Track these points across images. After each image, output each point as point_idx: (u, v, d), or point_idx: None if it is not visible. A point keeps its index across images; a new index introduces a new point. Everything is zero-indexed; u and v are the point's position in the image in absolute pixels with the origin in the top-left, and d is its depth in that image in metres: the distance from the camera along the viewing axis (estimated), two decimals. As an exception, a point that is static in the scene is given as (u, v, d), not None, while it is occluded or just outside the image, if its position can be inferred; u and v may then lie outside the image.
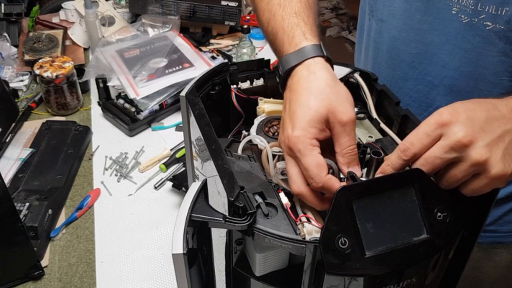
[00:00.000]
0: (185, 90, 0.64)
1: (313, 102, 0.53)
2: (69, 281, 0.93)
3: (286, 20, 0.63)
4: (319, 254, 0.47)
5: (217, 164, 0.53)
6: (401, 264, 0.48)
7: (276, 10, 0.65)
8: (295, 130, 0.52)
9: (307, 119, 0.53)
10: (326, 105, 0.53)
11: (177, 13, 1.55)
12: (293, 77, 0.57)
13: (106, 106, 1.31)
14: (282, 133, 0.55)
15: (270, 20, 0.66)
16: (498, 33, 0.65)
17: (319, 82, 0.55)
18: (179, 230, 0.47)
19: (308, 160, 0.51)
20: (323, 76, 0.56)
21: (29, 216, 0.96)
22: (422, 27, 0.73)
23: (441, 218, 0.49)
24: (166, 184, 1.13)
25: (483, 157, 0.47)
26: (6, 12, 1.55)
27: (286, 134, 0.53)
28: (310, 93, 0.54)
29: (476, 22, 0.66)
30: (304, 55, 0.58)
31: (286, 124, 0.54)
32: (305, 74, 0.56)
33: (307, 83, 0.55)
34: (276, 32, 0.63)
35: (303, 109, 0.53)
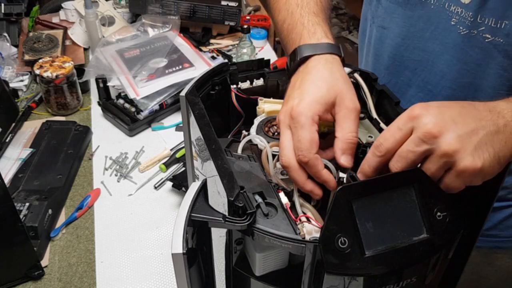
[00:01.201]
0: (185, 90, 0.64)
1: (324, 84, 0.57)
2: (69, 281, 0.93)
3: (305, 17, 0.66)
4: (319, 254, 0.47)
5: (217, 164, 0.53)
6: (401, 264, 0.48)
7: (294, 9, 0.68)
8: (302, 102, 0.55)
9: (316, 96, 0.55)
10: (336, 90, 0.56)
11: (177, 13, 1.55)
12: (309, 63, 0.60)
13: (106, 106, 1.31)
14: (285, 104, 0.57)
15: (287, 17, 0.68)
16: (497, 46, 0.65)
17: (333, 71, 0.58)
18: (179, 230, 0.47)
19: (304, 132, 0.53)
20: (337, 69, 0.59)
21: (29, 216, 0.96)
22: (424, 35, 0.73)
23: (441, 218, 0.49)
24: (166, 184, 1.13)
25: (452, 147, 0.47)
26: (6, 12, 1.55)
27: (290, 104, 0.56)
28: (324, 77, 0.58)
29: (475, 34, 0.66)
30: (325, 49, 0.61)
31: (293, 96, 0.57)
32: (322, 62, 0.60)
33: (323, 69, 0.59)
34: (294, 26, 0.66)
35: (314, 87, 0.56)
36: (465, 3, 0.66)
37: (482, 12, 0.64)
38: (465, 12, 0.66)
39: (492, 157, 0.48)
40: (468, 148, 0.47)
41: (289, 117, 0.55)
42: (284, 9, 0.70)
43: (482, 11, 0.64)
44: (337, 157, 0.54)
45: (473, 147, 0.47)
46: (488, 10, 0.64)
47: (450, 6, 0.68)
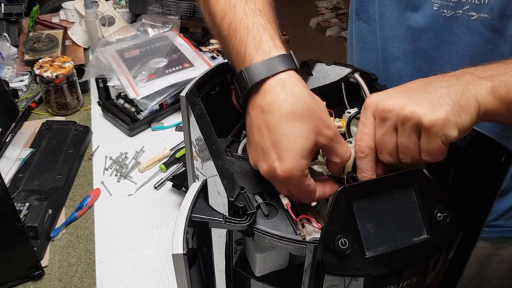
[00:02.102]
0: (185, 90, 0.64)
1: (301, 129, 0.49)
2: (69, 281, 0.93)
3: (250, 17, 0.56)
4: (319, 255, 0.47)
5: (217, 164, 0.53)
6: (401, 264, 0.48)
7: (236, 2, 0.58)
8: (286, 163, 0.49)
9: (298, 150, 0.49)
10: (313, 128, 0.50)
11: (177, 13, 1.55)
12: (266, 95, 0.51)
13: (106, 106, 1.31)
14: (264, 159, 0.51)
15: (228, 12, 0.58)
16: (483, 22, 0.66)
17: (300, 103, 0.50)
18: (179, 230, 0.47)
19: (301, 191, 0.51)
20: (302, 94, 0.51)
21: (29, 216, 0.96)
22: (411, 24, 0.74)
23: (441, 218, 0.49)
24: (166, 184, 1.13)
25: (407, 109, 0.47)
26: (6, 12, 1.54)
27: (272, 165, 0.50)
28: (295, 118, 0.49)
29: (460, 14, 0.67)
30: (276, 67, 0.52)
31: (269, 152, 0.50)
32: (283, 94, 0.50)
33: (288, 105, 0.50)
34: (237, 30, 0.56)
35: (291, 138, 0.49)
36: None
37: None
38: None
39: (453, 105, 0.47)
40: (424, 105, 0.47)
41: (277, 180, 0.50)
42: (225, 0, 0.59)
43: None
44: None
45: (429, 104, 0.48)
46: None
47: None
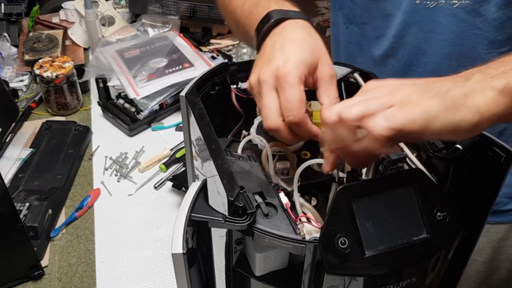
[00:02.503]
0: (185, 90, 0.64)
1: (307, 47, 0.54)
2: (69, 281, 0.93)
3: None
4: (319, 254, 0.47)
5: (217, 164, 0.53)
6: (401, 264, 0.48)
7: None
8: (289, 62, 0.52)
9: (301, 57, 0.53)
10: (318, 53, 0.55)
11: (177, 13, 1.55)
12: (286, 25, 0.57)
13: (106, 106, 1.31)
14: (267, 64, 0.54)
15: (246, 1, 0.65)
16: (465, 8, 0.67)
17: (312, 34, 0.57)
18: (179, 230, 0.47)
19: (294, 92, 0.51)
20: (314, 33, 0.57)
21: (29, 216, 0.96)
22: (395, 20, 0.74)
23: (441, 218, 0.49)
24: (166, 184, 1.13)
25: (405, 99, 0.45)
26: (6, 12, 1.54)
27: (275, 64, 0.53)
28: (305, 39, 0.55)
29: (443, 3, 0.67)
30: (298, 15, 0.59)
31: (275, 57, 0.54)
32: (300, 25, 0.57)
33: (302, 31, 0.56)
34: (257, 3, 0.62)
35: (298, 48, 0.54)
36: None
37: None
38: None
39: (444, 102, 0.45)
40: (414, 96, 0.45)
41: (275, 77, 0.53)
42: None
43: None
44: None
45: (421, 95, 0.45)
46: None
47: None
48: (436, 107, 0.43)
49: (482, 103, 0.43)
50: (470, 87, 0.44)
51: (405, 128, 0.42)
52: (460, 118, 0.43)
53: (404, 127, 0.42)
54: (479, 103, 0.43)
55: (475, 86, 0.44)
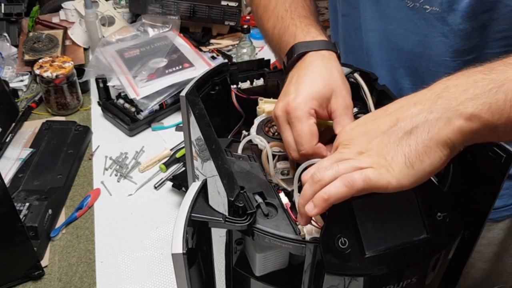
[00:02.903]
0: (185, 90, 0.64)
1: (321, 80, 0.57)
2: (69, 281, 0.93)
3: (296, 20, 0.67)
4: (319, 254, 0.47)
5: (217, 164, 0.53)
6: (401, 264, 0.48)
7: (283, 14, 0.69)
8: (298, 97, 0.56)
9: (313, 91, 0.56)
10: (332, 86, 0.57)
11: (177, 13, 1.55)
12: (306, 59, 0.61)
13: (106, 106, 1.31)
14: (282, 100, 0.57)
15: (277, 23, 0.69)
16: (436, 15, 0.68)
17: (329, 67, 0.60)
18: (179, 230, 0.47)
19: (303, 126, 0.54)
20: (334, 65, 0.60)
21: (29, 216, 0.96)
22: (375, 16, 0.75)
23: (441, 218, 0.49)
24: (166, 184, 1.13)
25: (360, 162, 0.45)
26: (6, 12, 1.54)
27: (287, 100, 0.56)
28: (321, 72, 0.58)
29: (418, 6, 0.69)
30: (321, 45, 0.62)
31: (289, 92, 0.57)
32: (320, 58, 0.61)
33: (320, 64, 0.60)
34: (286, 28, 0.66)
35: (310, 82, 0.57)
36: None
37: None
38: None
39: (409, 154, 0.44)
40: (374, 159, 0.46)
41: (285, 112, 0.56)
42: (273, 16, 0.70)
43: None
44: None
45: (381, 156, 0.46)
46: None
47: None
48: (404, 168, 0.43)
49: (449, 134, 0.43)
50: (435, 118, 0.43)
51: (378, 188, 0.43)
52: (430, 163, 0.43)
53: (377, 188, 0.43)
54: (446, 136, 0.43)
55: (440, 116, 0.43)
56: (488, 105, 0.42)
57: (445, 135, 0.43)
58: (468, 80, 0.44)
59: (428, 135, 0.43)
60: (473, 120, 0.42)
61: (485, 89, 0.42)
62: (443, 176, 0.57)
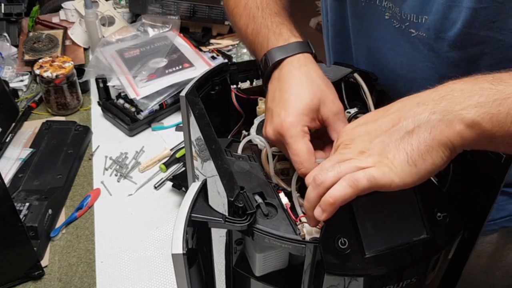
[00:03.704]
0: (185, 90, 0.64)
1: (306, 92, 0.56)
2: (69, 281, 0.93)
3: (268, 19, 0.65)
4: (319, 254, 0.47)
5: (217, 164, 0.53)
6: (401, 264, 0.48)
7: (254, 13, 0.67)
8: (289, 117, 0.54)
9: (300, 107, 0.55)
10: (318, 96, 0.56)
11: (177, 13, 1.55)
12: (282, 68, 0.59)
13: (106, 106, 1.31)
14: (271, 121, 0.56)
15: (249, 22, 0.67)
16: (422, 40, 0.66)
17: (310, 74, 0.58)
18: (178, 230, 0.47)
19: (299, 146, 0.53)
20: (313, 69, 0.59)
21: (29, 216, 0.96)
22: (361, 32, 0.74)
23: (441, 218, 0.49)
24: (166, 184, 1.13)
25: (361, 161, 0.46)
26: (6, 12, 1.54)
27: (277, 120, 0.55)
28: (302, 83, 0.57)
29: (403, 28, 0.67)
30: (294, 49, 0.60)
31: (276, 111, 0.56)
32: (296, 65, 0.59)
33: (299, 74, 0.58)
34: (259, 30, 0.65)
35: (296, 98, 0.56)
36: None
37: (405, 8, 0.65)
38: (394, 7, 0.66)
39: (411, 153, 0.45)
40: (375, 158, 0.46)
41: (280, 134, 0.55)
42: (245, 14, 0.69)
43: (404, 7, 0.65)
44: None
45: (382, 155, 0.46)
46: (408, 6, 0.64)
47: (381, 2, 0.68)
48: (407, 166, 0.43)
49: (450, 136, 0.43)
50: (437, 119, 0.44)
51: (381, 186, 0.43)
52: (432, 162, 0.43)
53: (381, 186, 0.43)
54: (447, 137, 0.43)
55: (442, 118, 0.43)
56: (490, 115, 0.42)
57: (446, 137, 0.43)
58: (475, 87, 0.44)
59: (430, 135, 0.43)
60: (473, 127, 0.42)
61: (490, 99, 0.42)
62: (443, 176, 0.57)
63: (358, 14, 0.73)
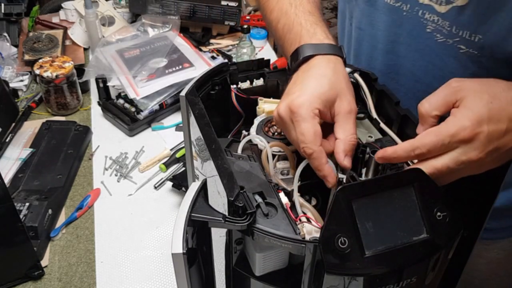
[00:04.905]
0: (185, 90, 0.64)
1: (327, 82, 0.56)
2: (69, 281, 0.93)
3: (301, 17, 0.65)
4: (318, 254, 0.47)
5: (217, 164, 0.53)
6: (401, 264, 0.48)
7: (287, 8, 0.67)
8: (302, 96, 0.54)
9: (317, 91, 0.55)
10: (338, 89, 0.56)
11: (177, 13, 1.55)
12: (311, 62, 0.60)
13: (106, 106, 1.31)
14: (285, 98, 0.56)
15: (281, 17, 0.67)
16: (472, 57, 0.65)
17: (336, 70, 0.58)
18: (179, 229, 0.47)
19: (307, 125, 0.53)
20: (341, 69, 0.59)
21: (29, 216, 0.96)
22: (398, 40, 0.73)
23: (441, 217, 0.49)
24: (166, 184, 1.13)
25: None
26: (6, 12, 1.54)
27: (291, 97, 0.55)
28: (326, 74, 0.57)
29: (450, 43, 0.66)
30: (327, 49, 0.60)
31: (292, 91, 0.56)
32: (325, 61, 0.59)
33: (326, 67, 0.58)
34: (291, 26, 0.65)
35: (316, 83, 0.56)
36: (441, 12, 0.65)
37: (457, 24, 0.64)
38: (441, 21, 0.65)
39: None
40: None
41: (289, 111, 0.54)
42: (277, 9, 0.69)
43: (457, 23, 0.64)
44: (339, 159, 0.54)
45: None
46: (462, 23, 0.63)
47: (424, 14, 0.67)
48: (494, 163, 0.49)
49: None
50: None
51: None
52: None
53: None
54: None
55: None
56: None
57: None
58: None
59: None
60: None
61: None
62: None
63: (398, 23, 0.71)
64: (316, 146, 0.52)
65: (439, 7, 0.65)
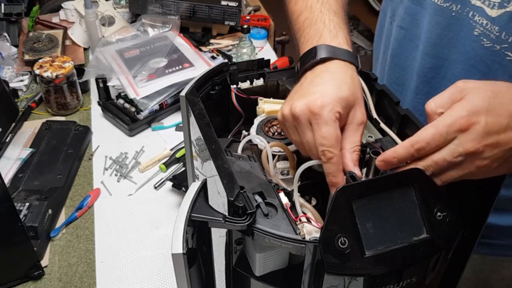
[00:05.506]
0: (185, 90, 0.64)
1: (347, 88, 0.55)
2: (69, 281, 0.93)
3: (326, 15, 0.63)
4: (318, 254, 0.47)
5: (217, 164, 0.53)
6: (401, 264, 0.48)
7: (313, 3, 0.66)
8: (324, 97, 0.52)
9: (339, 95, 0.53)
10: (355, 98, 0.55)
11: (177, 13, 1.55)
12: (330, 65, 0.58)
13: (106, 106, 1.31)
14: (303, 97, 0.54)
15: (304, 10, 0.66)
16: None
17: (353, 79, 0.57)
18: (179, 230, 0.47)
19: (330, 129, 0.51)
20: (356, 78, 0.58)
21: (29, 216, 0.96)
22: (441, 42, 0.71)
23: (441, 218, 0.49)
24: (166, 184, 1.13)
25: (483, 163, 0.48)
26: (6, 12, 1.54)
27: (313, 97, 0.53)
28: (346, 81, 0.56)
29: (498, 49, 0.64)
30: (345, 55, 0.59)
31: (312, 91, 0.54)
32: (344, 68, 0.58)
33: (345, 74, 0.57)
34: (313, 22, 0.63)
35: (336, 87, 0.54)
36: (491, 16, 0.63)
37: (508, 30, 0.62)
38: (490, 25, 0.63)
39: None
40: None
41: (309, 111, 0.52)
42: (302, 1, 0.67)
43: (508, 29, 0.62)
44: (349, 168, 0.53)
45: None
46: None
47: (474, 16, 0.65)
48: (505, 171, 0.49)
49: None
50: None
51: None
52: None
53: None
54: None
55: None
56: None
57: None
58: None
59: None
60: None
61: None
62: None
63: (443, 24, 0.69)
64: (337, 150, 0.51)
65: (490, 10, 0.63)
